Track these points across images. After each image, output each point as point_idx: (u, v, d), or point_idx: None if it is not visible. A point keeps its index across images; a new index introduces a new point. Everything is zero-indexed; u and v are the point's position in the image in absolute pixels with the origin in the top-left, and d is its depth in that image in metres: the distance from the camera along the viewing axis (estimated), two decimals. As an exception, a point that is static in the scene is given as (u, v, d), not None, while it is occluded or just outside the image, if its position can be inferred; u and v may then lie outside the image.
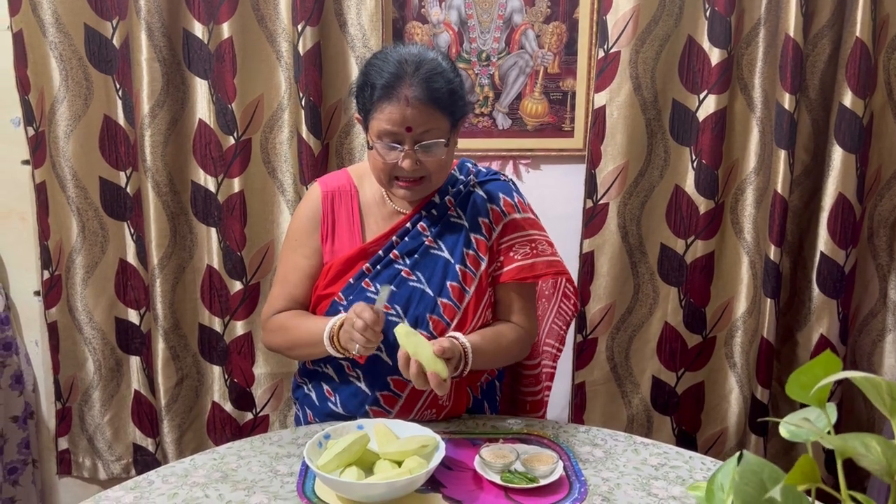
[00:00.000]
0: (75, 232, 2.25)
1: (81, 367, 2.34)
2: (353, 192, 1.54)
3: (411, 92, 1.34)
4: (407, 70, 1.35)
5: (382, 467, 1.24)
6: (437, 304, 1.45)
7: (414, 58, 1.37)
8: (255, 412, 2.35)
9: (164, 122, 2.16)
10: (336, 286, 1.48)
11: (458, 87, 1.40)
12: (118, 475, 2.39)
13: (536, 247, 1.52)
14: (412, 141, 1.36)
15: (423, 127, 1.36)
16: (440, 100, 1.36)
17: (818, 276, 2.14)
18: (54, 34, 2.13)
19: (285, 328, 1.51)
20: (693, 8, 2.11)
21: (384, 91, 1.35)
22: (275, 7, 2.14)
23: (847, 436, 0.60)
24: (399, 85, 1.34)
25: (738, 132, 2.17)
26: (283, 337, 1.51)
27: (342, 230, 1.52)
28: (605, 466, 1.33)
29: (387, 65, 1.37)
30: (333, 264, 1.49)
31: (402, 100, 1.34)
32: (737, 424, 2.29)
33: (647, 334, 2.29)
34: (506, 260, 1.51)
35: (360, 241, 1.50)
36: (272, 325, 1.54)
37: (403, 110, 1.34)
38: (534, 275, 1.51)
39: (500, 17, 2.22)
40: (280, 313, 1.53)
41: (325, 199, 1.53)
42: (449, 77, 1.38)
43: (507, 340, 1.50)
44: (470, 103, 1.47)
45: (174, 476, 1.29)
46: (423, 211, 1.50)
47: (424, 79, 1.34)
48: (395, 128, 1.35)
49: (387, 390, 1.47)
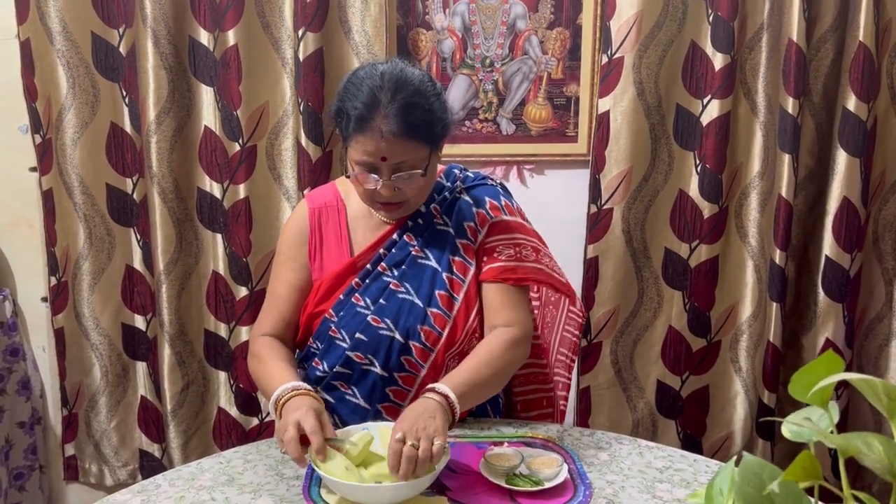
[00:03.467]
0: (82, 238, 2.26)
1: (88, 372, 2.35)
2: (341, 207, 1.53)
3: (385, 125, 1.29)
4: (381, 100, 1.30)
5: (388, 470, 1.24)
6: (426, 315, 1.44)
7: (390, 84, 1.31)
8: (260, 417, 2.36)
9: (170, 128, 2.17)
10: (326, 303, 1.47)
11: (437, 111, 1.35)
12: (124, 481, 2.39)
13: (521, 250, 1.49)
14: (389, 171, 1.34)
15: (399, 158, 1.32)
16: (416, 132, 1.31)
17: (823, 280, 2.14)
18: (61, 42, 2.15)
19: (259, 360, 1.46)
20: (696, 13, 2.12)
21: (358, 123, 1.31)
22: (280, 14, 2.15)
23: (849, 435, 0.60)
24: (373, 117, 1.30)
25: (742, 136, 2.18)
26: (255, 368, 1.48)
27: (330, 246, 1.51)
28: (610, 469, 1.33)
29: (360, 93, 1.32)
30: (323, 281, 1.48)
31: (376, 133, 1.30)
32: (743, 429, 2.29)
33: (652, 338, 2.29)
34: (489, 259, 1.48)
35: (349, 256, 1.49)
36: (254, 351, 1.50)
37: (378, 143, 1.30)
38: (516, 277, 1.47)
39: (504, 23, 2.23)
40: (264, 338, 1.50)
41: (312, 215, 1.52)
42: (426, 105, 1.33)
43: (491, 356, 1.42)
44: (453, 119, 1.43)
45: (181, 480, 1.30)
46: (410, 221, 1.48)
47: (400, 109, 1.29)
48: (370, 158, 1.32)
49: (387, 401, 1.47)
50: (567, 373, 1.74)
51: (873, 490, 2.13)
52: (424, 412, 1.24)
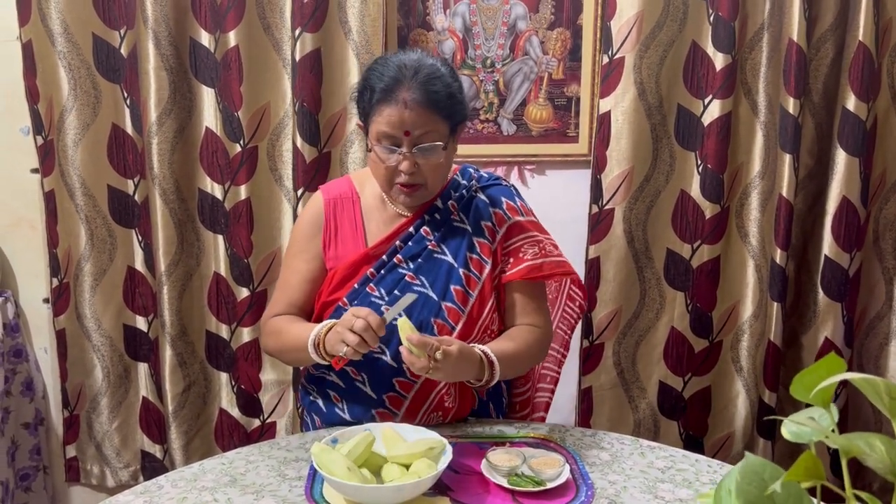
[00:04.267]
0: (84, 240, 2.26)
1: (89, 374, 2.35)
2: (355, 198, 1.56)
3: (409, 95, 1.36)
4: (406, 74, 1.37)
5: (390, 470, 1.25)
6: (441, 309, 1.46)
7: (413, 63, 1.39)
8: (262, 418, 2.36)
9: (171, 130, 2.17)
10: (341, 292, 1.49)
11: (456, 92, 1.42)
12: (126, 482, 2.39)
13: (544, 248, 1.54)
14: (410, 144, 1.38)
15: (421, 129, 1.38)
16: (438, 103, 1.38)
17: (822, 280, 2.14)
18: (63, 44, 2.15)
19: (278, 332, 1.52)
20: (697, 13, 2.12)
21: (383, 94, 1.38)
22: (281, 15, 2.15)
23: (851, 435, 0.61)
24: (398, 88, 1.37)
25: (743, 136, 2.18)
26: (276, 341, 1.53)
27: (345, 236, 1.53)
28: (612, 469, 1.34)
29: (386, 69, 1.39)
30: (338, 270, 1.50)
31: (400, 103, 1.36)
32: (744, 428, 2.29)
33: (654, 339, 2.29)
34: (515, 261, 1.51)
35: (364, 246, 1.52)
36: (268, 329, 1.56)
37: (402, 113, 1.36)
38: (543, 274, 1.52)
39: (505, 23, 2.24)
40: (277, 317, 1.55)
41: (327, 205, 1.55)
42: (447, 81, 1.40)
43: (527, 343, 1.50)
44: (469, 108, 1.48)
45: (183, 481, 1.30)
46: (426, 215, 1.51)
47: (423, 82, 1.37)
48: (393, 130, 1.38)
49: (392, 391, 1.48)
50: (557, 367, 1.76)
51: (873, 489, 2.13)
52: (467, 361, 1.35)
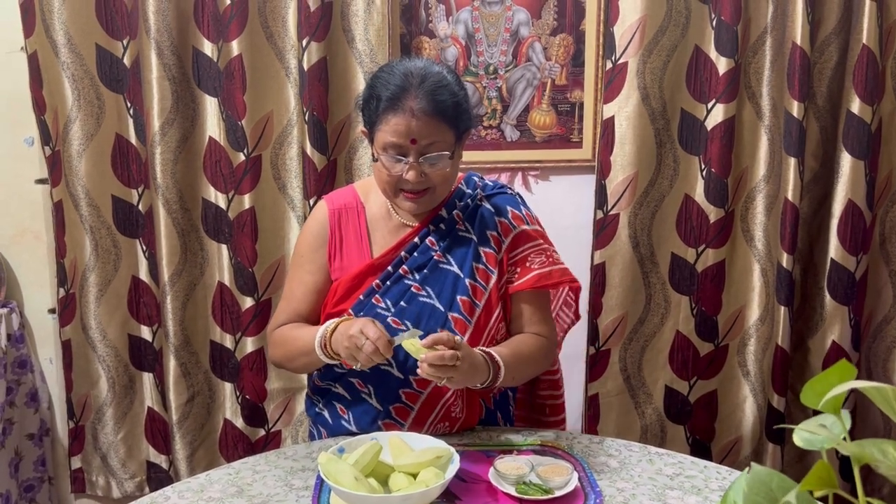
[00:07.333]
0: (88, 250, 2.26)
1: (95, 384, 2.35)
2: (360, 208, 1.55)
3: (416, 104, 1.35)
4: (412, 82, 1.36)
5: (397, 480, 1.24)
6: (447, 319, 1.45)
7: (419, 70, 1.38)
8: (267, 428, 2.35)
9: (175, 139, 2.17)
10: (346, 303, 1.48)
11: (462, 100, 1.41)
12: (132, 493, 2.39)
13: (550, 256, 1.53)
14: (417, 153, 1.37)
15: (428, 139, 1.37)
16: (445, 112, 1.37)
17: (829, 283, 2.13)
18: (66, 54, 2.16)
19: (284, 341, 1.51)
20: (699, 17, 2.12)
21: (389, 103, 1.36)
22: (283, 24, 2.16)
23: (864, 442, 0.60)
24: (404, 97, 1.35)
25: (747, 140, 2.17)
26: (283, 349, 1.52)
27: (350, 247, 1.52)
28: (620, 477, 1.33)
29: (392, 77, 1.38)
30: (343, 281, 1.49)
31: (406, 111, 1.35)
32: (752, 433, 2.28)
33: (660, 344, 2.28)
34: (522, 270, 1.51)
35: (369, 257, 1.51)
36: (274, 339, 1.55)
37: (408, 122, 1.35)
38: (551, 282, 1.51)
39: (507, 30, 2.24)
40: (282, 326, 1.54)
41: (332, 216, 1.54)
42: (454, 90, 1.39)
43: (531, 350, 1.50)
44: (475, 116, 1.47)
45: (189, 491, 1.30)
46: (431, 225, 1.50)
47: (429, 91, 1.36)
48: (399, 140, 1.36)
49: (398, 402, 1.47)
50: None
51: (883, 493, 2.12)
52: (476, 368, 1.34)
